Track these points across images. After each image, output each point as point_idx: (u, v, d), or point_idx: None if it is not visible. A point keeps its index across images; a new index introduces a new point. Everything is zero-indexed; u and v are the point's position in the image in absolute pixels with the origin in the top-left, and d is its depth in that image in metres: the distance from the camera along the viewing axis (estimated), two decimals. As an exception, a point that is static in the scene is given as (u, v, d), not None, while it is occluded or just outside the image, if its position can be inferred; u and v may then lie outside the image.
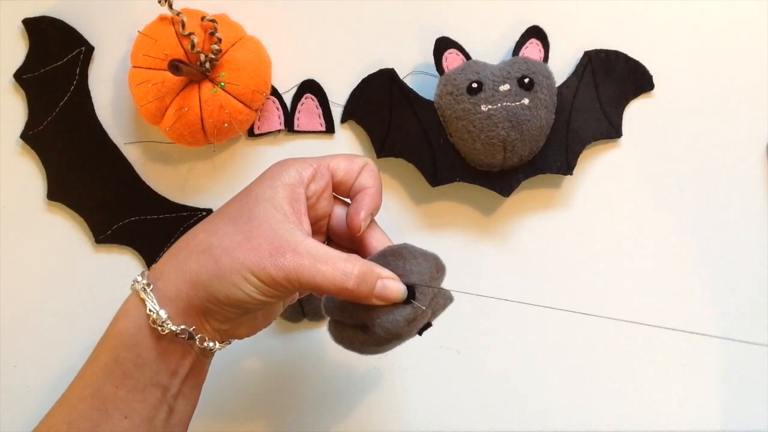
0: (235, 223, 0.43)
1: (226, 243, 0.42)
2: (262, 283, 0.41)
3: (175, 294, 0.42)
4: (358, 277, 0.41)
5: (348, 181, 0.47)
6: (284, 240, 0.42)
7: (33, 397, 0.60)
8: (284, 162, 0.45)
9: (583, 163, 0.59)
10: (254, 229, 0.42)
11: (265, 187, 0.44)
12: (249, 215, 0.43)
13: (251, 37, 0.57)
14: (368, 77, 0.58)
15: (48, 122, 0.58)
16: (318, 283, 0.41)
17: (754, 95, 0.60)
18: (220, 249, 0.42)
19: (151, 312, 0.42)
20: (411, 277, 0.43)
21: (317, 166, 0.45)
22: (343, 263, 0.42)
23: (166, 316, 0.42)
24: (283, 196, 0.43)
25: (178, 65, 0.50)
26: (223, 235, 0.42)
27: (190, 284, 0.42)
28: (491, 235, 0.60)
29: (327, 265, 0.41)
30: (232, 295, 0.41)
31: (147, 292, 0.43)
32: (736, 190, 0.61)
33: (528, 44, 0.57)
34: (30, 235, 0.59)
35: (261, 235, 0.42)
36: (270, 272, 0.41)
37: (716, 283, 0.61)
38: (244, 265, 0.41)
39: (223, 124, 0.55)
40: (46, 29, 0.58)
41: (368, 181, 0.47)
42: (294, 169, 0.45)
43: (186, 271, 0.42)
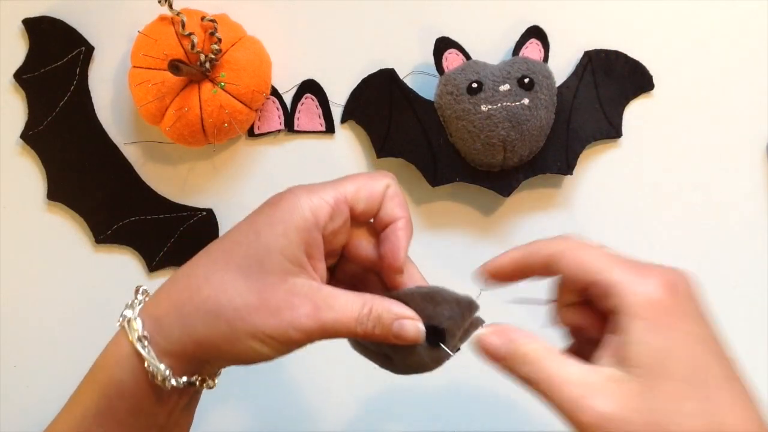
0: (246, 279, 0.39)
1: (238, 303, 0.38)
2: (280, 344, 0.39)
3: (179, 350, 0.39)
4: (373, 319, 0.39)
5: (371, 209, 0.42)
6: (302, 296, 0.39)
7: (33, 397, 0.60)
8: (296, 195, 0.40)
9: (583, 163, 0.59)
10: (269, 288, 0.38)
11: (277, 234, 0.39)
12: (261, 269, 0.39)
13: (251, 37, 0.57)
14: (368, 77, 0.58)
15: (48, 122, 0.58)
16: (336, 333, 0.39)
17: (754, 95, 0.60)
18: (233, 311, 0.38)
19: (149, 368, 0.39)
20: (442, 322, 0.41)
21: (334, 203, 0.40)
22: (359, 307, 0.39)
23: (169, 372, 0.39)
24: (297, 244, 0.39)
25: (178, 65, 0.50)
26: (233, 293, 0.39)
27: (198, 344, 0.39)
28: (491, 235, 0.60)
29: (346, 315, 0.39)
30: (245, 356, 0.39)
31: (144, 345, 0.39)
32: (736, 190, 0.61)
33: (528, 44, 0.57)
34: (30, 235, 0.59)
35: (277, 295, 0.38)
36: (290, 335, 0.38)
37: (716, 283, 0.61)
38: (262, 330, 0.38)
39: (223, 124, 0.55)
40: (46, 29, 0.58)
41: (397, 212, 0.42)
42: (308, 210, 0.39)
43: (193, 332, 0.39)
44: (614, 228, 0.61)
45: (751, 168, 0.61)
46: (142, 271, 0.60)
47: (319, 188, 0.40)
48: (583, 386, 0.36)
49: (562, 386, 0.36)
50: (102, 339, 0.60)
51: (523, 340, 0.39)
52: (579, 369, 0.37)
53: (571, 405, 0.36)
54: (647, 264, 0.39)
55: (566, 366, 0.37)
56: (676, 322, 0.37)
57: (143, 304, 0.41)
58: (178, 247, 0.59)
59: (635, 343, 0.36)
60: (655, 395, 0.35)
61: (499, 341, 0.39)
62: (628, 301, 0.37)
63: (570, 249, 0.40)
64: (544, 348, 0.38)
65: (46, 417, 0.60)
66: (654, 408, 0.35)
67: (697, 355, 0.37)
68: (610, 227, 0.61)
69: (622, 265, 0.38)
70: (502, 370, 0.39)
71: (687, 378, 0.36)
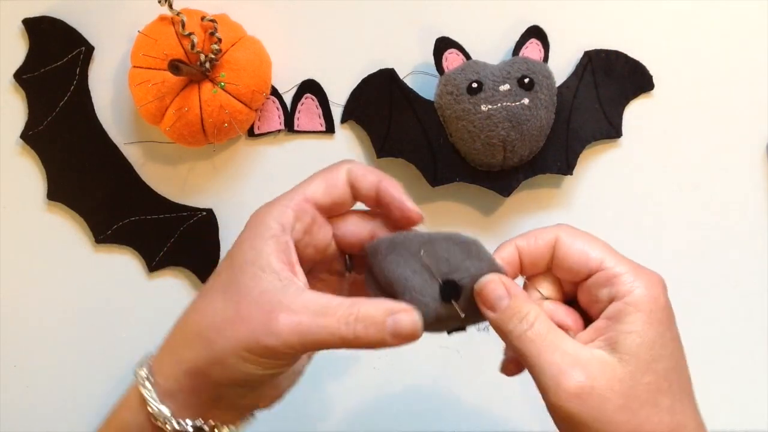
0: (224, 297, 0.38)
1: (217, 321, 0.38)
2: (260, 357, 0.37)
3: (176, 388, 0.39)
4: (362, 318, 0.37)
5: (339, 199, 0.42)
6: (276, 302, 0.37)
7: (33, 397, 0.60)
8: (258, 214, 0.40)
9: (583, 163, 0.59)
10: (243, 299, 0.38)
11: (246, 249, 0.39)
12: (237, 284, 0.38)
13: (251, 37, 0.57)
14: (368, 77, 0.58)
15: (48, 122, 0.58)
16: (322, 340, 0.37)
17: (754, 95, 0.60)
18: (212, 330, 0.38)
19: (151, 409, 0.39)
20: (464, 278, 0.39)
21: (295, 206, 0.40)
22: (346, 309, 0.37)
23: (169, 413, 0.39)
24: (268, 254, 0.38)
25: (178, 65, 0.50)
26: (213, 313, 0.38)
27: (189, 375, 0.38)
28: (491, 235, 0.60)
29: (328, 317, 0.37)
30: (234, 378, 0.38)
31: (147, 387, 0.39)
32: (736, 189, 0.61)
33: (528, 44, 0.57)
34: (30, 235, 0.59)
35: (251, 304, 0.37)
36: (266, 343, 0.36)
37: (716, 283, 0.61)
38: (238, 342, 0.37)
39: (223, 124, 0.55)
40: (46, 29, 0.58)
41: (371, 178, 0.41)
42: (272, 219, 0.39)
43: (182, 361, 0.39)
44: (614, 228, 0.61)
45: (751, 168, 0.61)
46: (142, 271, 0.60)
47: (280, 197, 0.41)
48: (571, 358, 0.37)
49: (553, 352, 0.37)
50: (102, 339, 0.60)
51: (527, 298, 0.40)
52: (572, 343, 0.38)
53: (555, 370, 0.37)
54: (637, 263, 0.40)
55: (561, 336, 0.38)
56: (668, 322, 0.39)
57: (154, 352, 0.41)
58: (178, 247, 0.59)
59: (632, 332, 0.38)
60: (636, 383, 0.37)
61: (503, 291, 0.39)
62: (633, 293, 0.39)
63: (570, 236, 0.41)
64: (544, 314, 0.39)
65: (46, 417, 0.60)
66: (632, 394, 0.37)
67: (678, 356, 0.39)
68: (610, 227, 0.61)
69: (622, 258, 0.40)
70: (494, 321, 0.39)
71: (668, 376, 0.38)
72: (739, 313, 0.61)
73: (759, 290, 0.61)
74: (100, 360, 0.60)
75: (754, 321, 0.61)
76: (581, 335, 0.40)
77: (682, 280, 0.61)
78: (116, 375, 0.60)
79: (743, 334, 0.61)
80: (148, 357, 0.41)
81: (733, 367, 0.60)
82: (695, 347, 0.60)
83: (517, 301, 0.39)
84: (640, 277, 0.39)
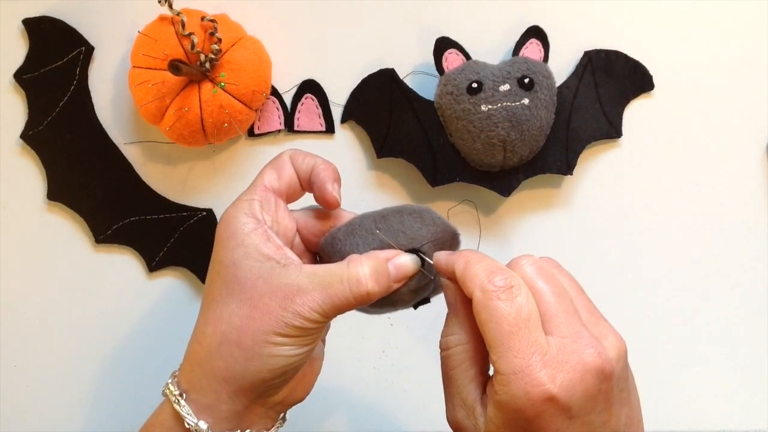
0: (232, 298, 0.40)
1: (236, 323, 0.39)
2: (291, 338, 0.39)
3: (213, 400, 0.40)
4: (373, 275, 0.39)
5: (289, 181, 0.44)
6: (285, 286, 0.39)
7: (33, 397, 0.60)
8: (227, 217, 0.42)
9: (583, 163, 0.59)
10: (254, 294, 0.39)
11: (230, 249, 0.40)
12: (240, 283, 0.40)
13: (251, 37, 0.57)
14: (368, 77, 0.58)
15: (48, 122, 0.58)
16: (340, 305, 0.39)
17: (754, 95, 0.60)
18: (237, 332, 0.39)
19: (189, 425, 0.40)
20: (424, 245, 0.41)
21: (255, 195, 0.42)
22: (347, 271, 0.39)
23: (206, 426, 0.40)
24: (256, 244, 0.40)
25: (178, 65, 0.50)
26: (230, 318, 0.39)
27: (228, 381, 0.40)
28: (491, 235, 0.60)
29: (335, 285, 0.39)
30: (273, 367, 0.39)
31: (181, 404, 0.40)
32: (736, 190, 0.61)
33: (528, 44, 0.57)
34: (30, 235, 0.59)
35: (263, 295, 0.39)
36: (294, 323, 0.39)
37: (716, 283, 0.61)
38: (267, 331, 0.38)
39: (223, 124, 0.55)
40: (46, 29, 0.58)
41: (306, 161, 0.44)
42: (242, 215, 0.41)
43: (216, 371, 0.40)
44: (614, 228, 0.61)
45: (751, 168, 0.61)
46: (142, 271, 0.60)
47: (241, 194, 0.43)
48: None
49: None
50: (102, 339, 0.60)
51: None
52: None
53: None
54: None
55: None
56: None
57: (178, 370, 0.42)
58: (178, 247, 0.59)
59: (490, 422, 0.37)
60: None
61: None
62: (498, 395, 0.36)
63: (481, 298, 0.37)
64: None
65: (46, 417, 0.60)
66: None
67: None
68: (610, 227, 0.61)
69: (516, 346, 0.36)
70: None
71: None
72: (739, 312, 0.61)
73: (759, 290, 0.61)
74: (100, 360, 0.60)
75: (754, 321, 0.61)
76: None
77: (682, 280, 0.61)
78: (116, 375, 0.60)
79: (743, 334, 0.61)
80: (174, 375, 0.42)
81: (733, 367, 0.60)
82: (695, 347, 0.61)
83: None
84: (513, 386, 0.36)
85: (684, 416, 0.60)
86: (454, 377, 0.39)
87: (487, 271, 0.37)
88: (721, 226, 0.61)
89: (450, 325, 0.40)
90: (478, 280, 0.37)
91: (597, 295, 0.60)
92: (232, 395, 0.40)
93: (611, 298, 0.61)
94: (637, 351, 0.60)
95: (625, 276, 0.61)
